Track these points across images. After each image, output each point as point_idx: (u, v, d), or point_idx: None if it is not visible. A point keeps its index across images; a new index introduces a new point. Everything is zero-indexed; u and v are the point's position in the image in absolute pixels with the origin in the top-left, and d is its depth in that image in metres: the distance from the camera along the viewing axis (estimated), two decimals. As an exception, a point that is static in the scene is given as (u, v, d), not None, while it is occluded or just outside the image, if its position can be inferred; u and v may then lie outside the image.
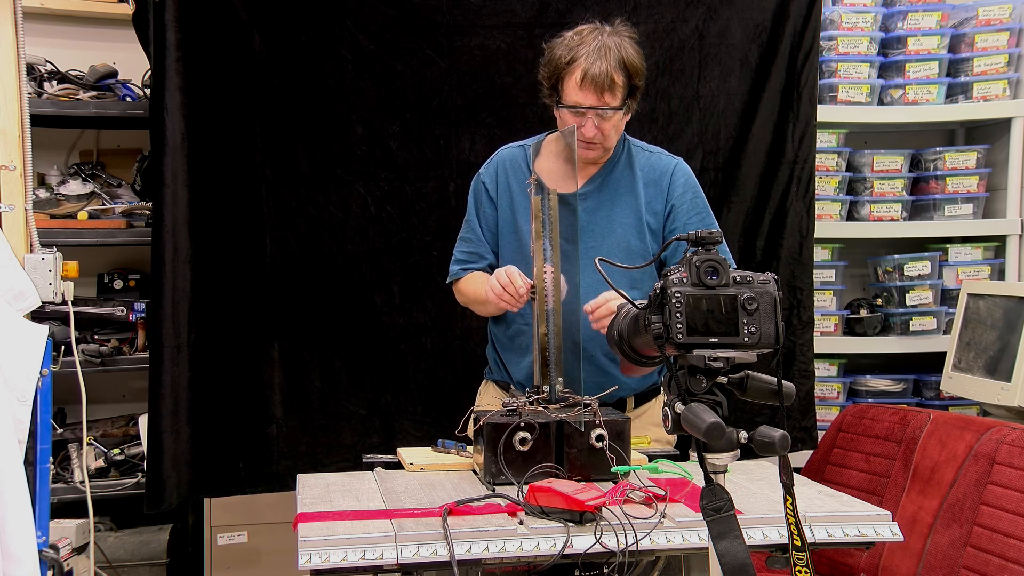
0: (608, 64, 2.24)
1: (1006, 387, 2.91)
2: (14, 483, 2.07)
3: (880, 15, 3.52)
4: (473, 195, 2.53)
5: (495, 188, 2.47)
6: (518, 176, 2.45)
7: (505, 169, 2.48)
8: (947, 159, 3.55)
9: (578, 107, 2.28)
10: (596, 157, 2.38)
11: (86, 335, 3.21)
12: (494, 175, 2.49)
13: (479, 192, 2.51)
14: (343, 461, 2.94)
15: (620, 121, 2.34)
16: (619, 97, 2.28)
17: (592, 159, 2.39)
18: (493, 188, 2.48)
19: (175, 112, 2.84)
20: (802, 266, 3.17)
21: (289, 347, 2.99)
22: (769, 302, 1.40)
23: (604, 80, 2.23)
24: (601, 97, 2.26)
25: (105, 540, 3.20)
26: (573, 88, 2.27)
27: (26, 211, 2.54)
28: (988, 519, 2.43)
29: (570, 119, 2.31)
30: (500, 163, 2.50)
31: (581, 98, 2.27)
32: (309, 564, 1.65)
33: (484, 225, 2.48)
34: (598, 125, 2.29)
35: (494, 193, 2.47)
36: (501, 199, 2.46)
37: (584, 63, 2.24)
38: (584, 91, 2.26)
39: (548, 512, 1.77)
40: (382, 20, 2.97)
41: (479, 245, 2.48)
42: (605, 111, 2.27)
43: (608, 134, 2.32)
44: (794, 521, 1.39)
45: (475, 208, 2.51)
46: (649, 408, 2.48)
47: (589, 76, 2.24)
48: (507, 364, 2.47)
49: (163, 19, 2.81)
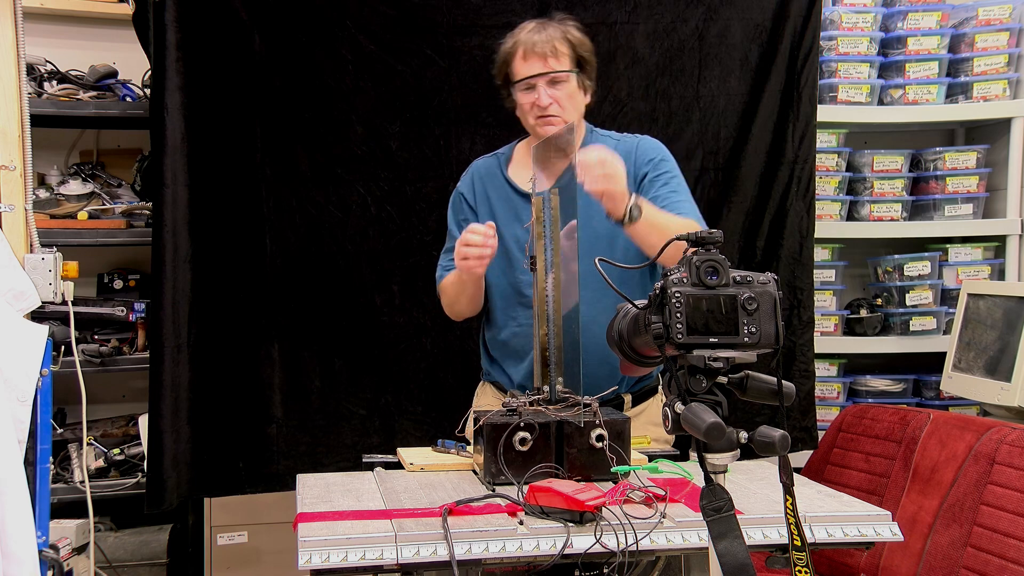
0: (548, 34, 2.32)
1: (1006, 387, 2.91)
2: (14, 483, 2.07)
3: (880, 15, 3.52)
4: (452, 208, 2.53)
5: (473, 197, 2.49)
6: (494, 184, 2.47)
7: (481, 178, 2.50)
8: (947, 159, 3.55)
9: (527, 78, 2.32)
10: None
11: (86, 335, 3.21)
12: (471, 185, 2.51)
13: (458, 203, 2.52)
14: (343, 461, 2.94)
15: (576, 95, 2.36)
16: (565, 63, 2.33)
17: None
18: (472, 197, 2.49)
19: (175, 112, 2.84)
20: (802, 266, 3.17)
21: (289, 347, 2.99)
22: (769, 302, 1.40)
23: (546, 46, 2.30)
24: (546, 63, 2.31)
25: (105, 540, 3.21)
26: (520, 65, 2.34)
27: (26, 211, 2.54)
28: (988, 519, 2.43)
29: (523, 98, 2.36)
30: (475, 173, 2.53)
31: (528, 69, 2.33)
32: (309, 564, 1.65)
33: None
34: (551, 94, 2.32)
35: (473, 202, 2.49)
36: (480, 207, 2.48)
37: (524, 38, 2.34)
38: (529, 62, 2.32)
39: (548, 512, 1.77)
40: (382, 20, 2.97)
41: None
42: (556, 75, 2.31)
43: (563, 103, 2.34)
44: (794, 521, 1.39)
45: (455, 220, 2.51)
46: (647, 407, 2.47)
47: (530, 45, 2.32)
48: (505, 368, 2.47)
49: (163, 19, 2.81)
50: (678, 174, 2.42)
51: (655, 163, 2.40)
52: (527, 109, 2.37)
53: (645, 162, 2.40)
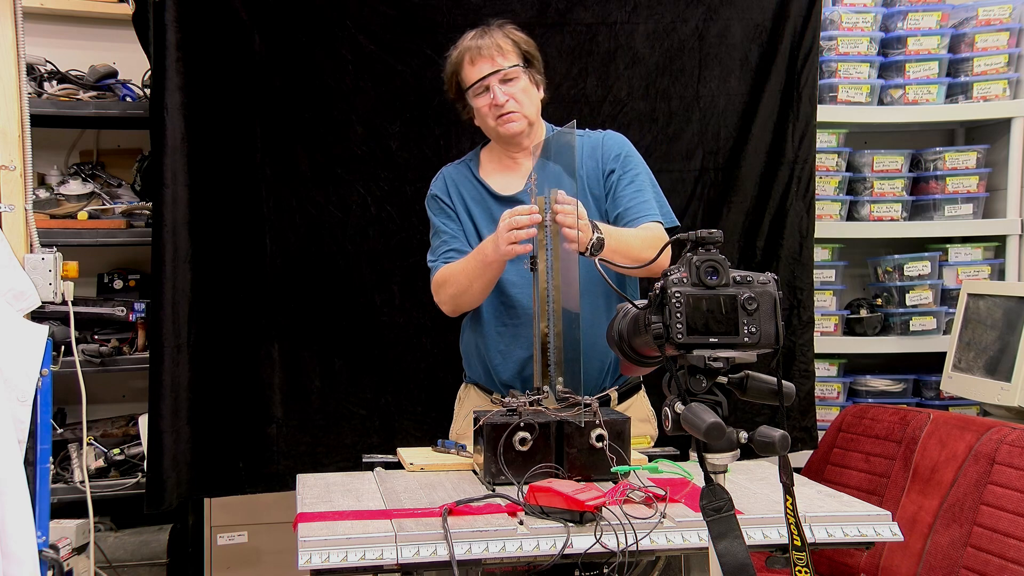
0: (490, 37, 2.37)
1: (1006, 387, 2.91)
2: (14, 483, 2.07)
3: (880, 15, 3.52)
4: (430, 211, 2.53)
5: (449, 199, 2.50)
6: (468, 188, 2.49)
7: (454, 182, 2.51)
8: (947, 159, 3.55)
9: (479, 81, 2.36)
10: (520, 128, 2.40)
11: (86, 335, 3.21)
12: (444, 187, 2.52)
13: (435, 205, 2.51)
14: (343, 461, 2.93)
15: (529, 89, 2.39)
16: (513, 59, 2.37)
17: (517, 131, 2.40)
18: (448, 200, 2.50)
19: (175, 112, 2.84)
20: (802, 266, 3.17)
21: (289, 347, 2.99)
22: (769, 302, 1.40)
23: (491, 47, 2.35)
24: (494, 62, 2.35)
25: (105, 540, 3.21)
26: (469, 71, 2.38)
27: (26, 211, 2.54)
28: (988, 519, 2.43)
29: (479, 102, 2.39)
30: (448, 177, 2.54)
31: (477, 72, 2.36)
32: (309, 564, 1.65)
33: (453, 228, 2.48)
34: (505, 91, 2.35)
35: (449, 202, 2.49)
36: (458, 208, 2.48)
37: (469, 44, 2.39)
38: (477, 65, 2.37)
39: (548, 512, 1.77)
40: (382, 20, 2.97)
41: (454, 242, 2.45)
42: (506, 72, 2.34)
43: (519, 99, 2.37)
44: (794, 521, 1.39)
45: (438, 219, 2.50)
46: (632, 404, 2.48)
47: (475, 49, 2.36)
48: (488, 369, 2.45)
49: (163, 19, 2.81)
50: (643, 169, 2.45)
51: (621, 160, 2.43)
52: (485, 112, 2.39)
53: (612, 158, 2.43)
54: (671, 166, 3.08)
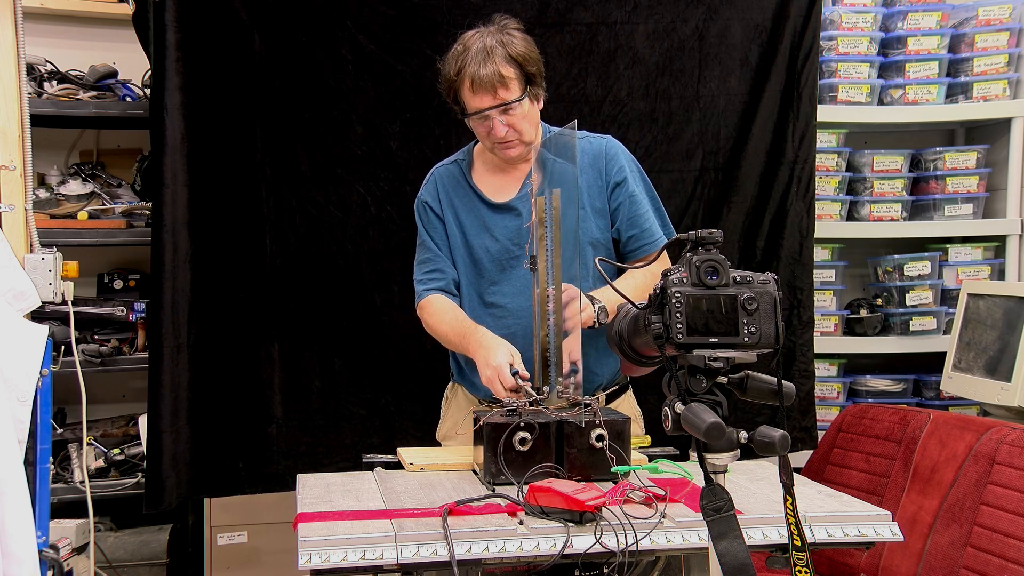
0: (493, 64, 2.25)
1: (1006, 387, 2.91)
2: (14, 483, 2.07)
3: (880, 15, 3.52)
4: (419, 217, 2.52)
5: (439, 205, 2.48)
6: (459, 193, 2.47)
7: (445, 186, 2.49)
8: (947, 159, 3.55)
9: (479, 112, 2.28)
10: (519, 154, 2.37)
11: (86, 335, 3.21)
12: (435, 192, 2.50)
13: (424, 212, 2.50)
14: (343, 461, 2.93)
15: (530, 111, 2.34)
16: (515, 89, 2.28)
17: (515, 156, 2.37)
18: (437, 206, 2.48)
19: (175, 112, 2.84)
20: (802, 266, 3.17)
21: (289, 347, 2.99)
22: (769, 302, 1.40)
23: (493, 79, 2.24)
24: (496, 95, 2.27)
25: (105, 540, 3.21)
26: (469, 96, 2.29)
27: (26, 211, 2.54)
28: (988, 519, 2.43)
29: (478, 128, 2.34)
30: (438, 180, 2.51)
31: (479, 103, 2.28)
32: (309, 564, 1.65)
33: (438, 242, 2.47)
34: (506, 122, 2.29)
35: (439, 210, 2.48)
36: (447, 214, 2.47)
37: (470, 70, 2.26)
38: (479, 95, 2.27)
39: (548, 512, 1.77)
40: (382, 20, 2.97)
41: (438, 261, 2.46)
42: (507, 106, 2.28)
43: (520, 128, 2.32)
44: (794, 521, 1.39)
45: (425, 229, 2.50)
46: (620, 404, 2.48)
47: (478, 80, 2.25)
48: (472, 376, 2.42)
49: (163, 19, 2.81)
50: (640, 178, 2.45)
51: (622, 172, 2.42)
52: (483, 136, 2.36)
53: (615, 171, 2.41)
54: (671, 166, 3.08)
